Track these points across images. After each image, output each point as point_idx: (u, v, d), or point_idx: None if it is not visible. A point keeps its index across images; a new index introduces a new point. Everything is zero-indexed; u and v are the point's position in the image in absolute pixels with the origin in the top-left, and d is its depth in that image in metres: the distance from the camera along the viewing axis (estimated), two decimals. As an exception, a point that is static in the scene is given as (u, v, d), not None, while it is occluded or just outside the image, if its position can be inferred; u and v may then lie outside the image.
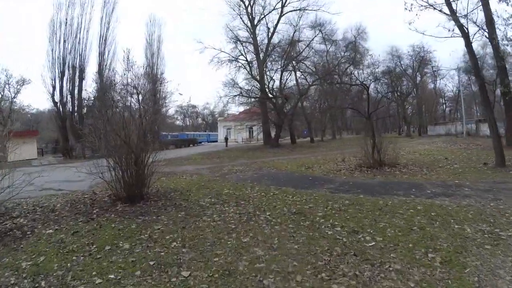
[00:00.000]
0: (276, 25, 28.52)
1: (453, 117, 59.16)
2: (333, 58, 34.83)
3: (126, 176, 7.53)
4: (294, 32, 26.03)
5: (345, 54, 36.09)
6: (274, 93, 27.49)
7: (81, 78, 27.92)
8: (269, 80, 28.88)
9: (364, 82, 11.86)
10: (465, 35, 13.93)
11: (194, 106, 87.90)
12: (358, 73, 43.07)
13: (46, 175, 10.07)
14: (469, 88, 51.77)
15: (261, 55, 28.54)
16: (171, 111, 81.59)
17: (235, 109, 49.27)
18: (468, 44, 13.92)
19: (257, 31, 29.17)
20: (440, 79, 53.65)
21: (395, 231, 4.66)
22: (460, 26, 14.12)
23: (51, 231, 5.15)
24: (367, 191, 7.81)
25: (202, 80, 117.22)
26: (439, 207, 5.84)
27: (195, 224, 5.38)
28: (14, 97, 39.14)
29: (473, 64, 13.56)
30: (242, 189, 8.35)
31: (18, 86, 38.43)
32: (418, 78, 50.35)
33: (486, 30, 12.66)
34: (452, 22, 13.21)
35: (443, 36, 15.12)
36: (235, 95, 25.88)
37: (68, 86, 27.98)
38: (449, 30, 12.68)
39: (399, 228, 4.78)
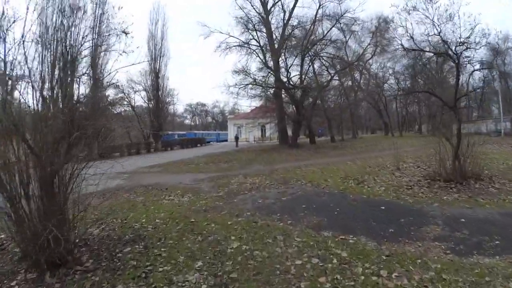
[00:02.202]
0: (293, 8, 24.25)
1: (476, 115, 54.32)
2: (353, 49, 30.64)
3: (26, 216, 3.56)
4: (319, 8, 21.65)
5: (371, 41, 31.75)
6: (293, 84, 23.10)
7: (73, 70, 24.00)
8: (286, 71, 24.49)
9: (455, 50, 7.44)
10: None
11: (203, 105, 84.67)
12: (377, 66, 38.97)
13: None
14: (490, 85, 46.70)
15: (275, 43, 24.39)
16: (180, 110, 79.00)
17: (247, 103, 44.96)
18: None
19: (270, 17, 25.01)
20: (462, 75, 48.19)
21: None
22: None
23: None
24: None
25: (203, 77, 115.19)
26: None
27: None
28: (7, 95, 35.94)
29: None
30: (267, 239, 4.15)
31: (11, 82, 35.24)
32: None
33: None
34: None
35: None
36: (247, 84, 21.69)
37: (58, 80, 24.12)
38: None
39: None
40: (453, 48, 7.76)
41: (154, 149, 29.49)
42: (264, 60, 23.93)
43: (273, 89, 23.65)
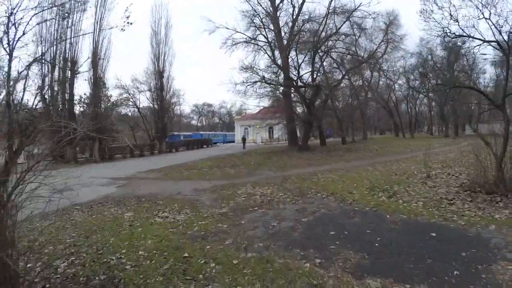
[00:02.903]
0: (302, 3, 22.74)
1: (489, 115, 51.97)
2: (363, 47, 29.09)
3: None
4: (332, 0, 20.15)
5: (385, 37, 30.24)
6: (303, 82, 21.63)
7: (73, 71, 22.86)
8: (296, 69, 22.98)
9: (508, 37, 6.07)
10: None
11: (210, 105, 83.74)
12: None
13: None
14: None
15: (284, 39, 23.09)
16: (186, 110, 78.14)
17: (255, 102, 43.15)
18: None
19: (278, 13, 23.65)
20: (475, 73, 46.23)
21: None
22: None
23: None
24: None
25: (203, 77, 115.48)
26: None
27: None
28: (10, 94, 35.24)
29: None
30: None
31: (13, 83, 34.58)
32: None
33: None
34: None
35: None
36: (255, 81, 20.31)
37: (58, 81, 22.81)
38: None
39: None
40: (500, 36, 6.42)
41: (158, 151, 28.37)
42: (272, 57, 22.64)
43: (283, 88, 22.33)
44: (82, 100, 24.55)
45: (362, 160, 15.29)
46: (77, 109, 24.85)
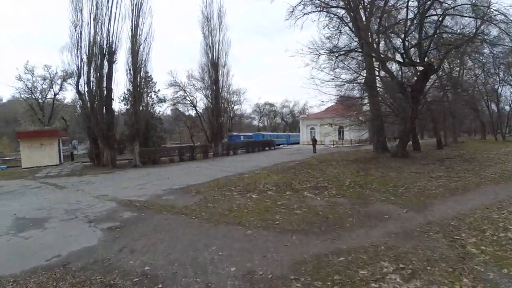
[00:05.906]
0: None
1: None
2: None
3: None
4: None
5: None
6: (411, 58, 14.62)
7: (111, 62, 19.40)
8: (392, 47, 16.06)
9: None
10: None
11: (271, 105, 79.26)
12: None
13: None
14: None
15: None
16: (248, 110, 74.67)
17: (333, 91, 35.12)
18: None
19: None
20: None
21: None
22: None
23: None
24: None
25: (265, 76, 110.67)
26: None
27: None
28: (57, 94, 34.58)
29: None
30: None
31: (60, 81, 33.85)
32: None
33: None
34: None
35: None
36: (351, 50, 14.14)
37: (95, 73, 19.31)
38: None
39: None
40: None
41: (213, 154, 24.09)
42: (357, 33, 16.29)
43: (364, 75, 16.16)
44: (125, 97, 21.38)
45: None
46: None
